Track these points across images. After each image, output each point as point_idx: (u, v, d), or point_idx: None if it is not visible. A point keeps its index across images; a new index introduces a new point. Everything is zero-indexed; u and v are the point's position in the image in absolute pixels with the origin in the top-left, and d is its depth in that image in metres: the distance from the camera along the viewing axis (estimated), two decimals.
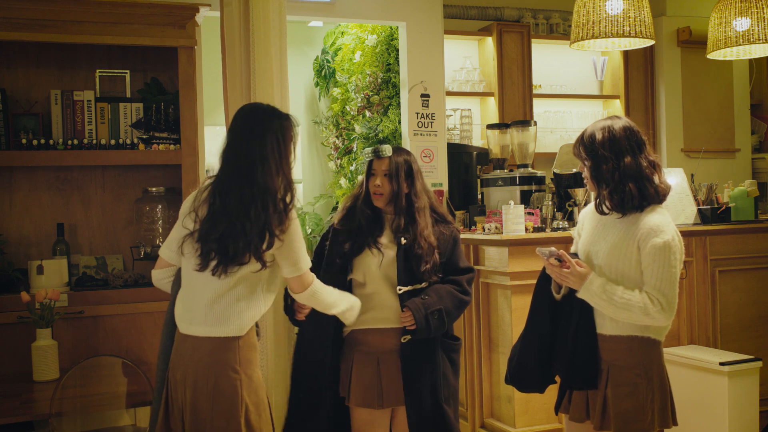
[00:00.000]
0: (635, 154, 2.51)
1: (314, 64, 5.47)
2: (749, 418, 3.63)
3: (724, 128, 6.09)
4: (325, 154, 5.54)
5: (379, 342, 2.90)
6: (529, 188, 4.26)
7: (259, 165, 2.32)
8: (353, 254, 2.91)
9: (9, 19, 3.25)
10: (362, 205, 2.99)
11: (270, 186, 2.32)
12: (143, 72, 3.74)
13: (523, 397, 3.65)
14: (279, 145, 2.37)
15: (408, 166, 2.98)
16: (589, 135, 2.55)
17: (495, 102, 5.35)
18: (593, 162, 2.53)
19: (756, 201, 4.28)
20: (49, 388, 2.90)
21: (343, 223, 2.99)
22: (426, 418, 2.86)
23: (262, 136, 2.35)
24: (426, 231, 2.92)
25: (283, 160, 2.38)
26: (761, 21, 4.24)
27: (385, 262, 2.90)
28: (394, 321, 2.88)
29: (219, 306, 2.36)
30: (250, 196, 2.30)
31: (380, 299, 2.90)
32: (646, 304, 2.40)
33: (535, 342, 2.67)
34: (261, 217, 2.30)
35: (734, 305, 4.16)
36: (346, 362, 2.92)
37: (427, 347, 2.89)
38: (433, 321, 2.81)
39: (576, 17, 3.98)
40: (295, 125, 2.45)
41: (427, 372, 2.88)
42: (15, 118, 3.47)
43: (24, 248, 3.59)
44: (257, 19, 3.42)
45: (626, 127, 2.54)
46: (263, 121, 2.38)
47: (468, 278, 2.99)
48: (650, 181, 2.50)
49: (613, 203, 2.49)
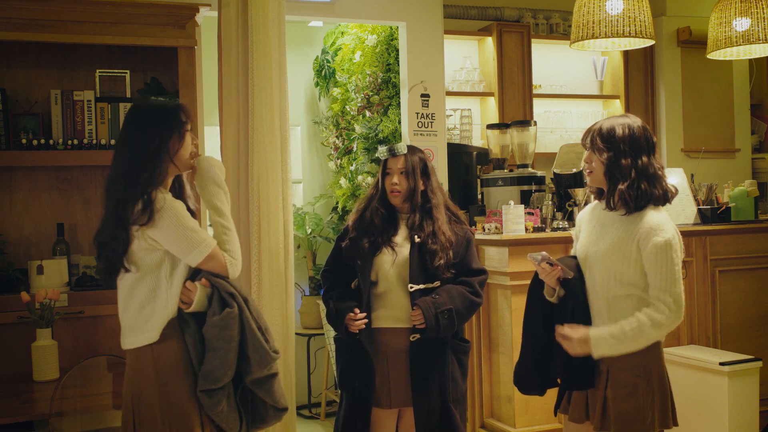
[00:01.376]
0: (650, 154, 2.53)
1: (314, 64, 5.47)
2: (749, 418, 3.63)
3: (724, 128, 6.08)
4: (325, 154, 5.54)
5: (389, 341, 2.90)
6: (529, 188, 4.26)
7: (116, 156, 2.28)
8: (373, 254, 2.92)
9: (9, 19, 3.25)
10: (377, 205, 2.99)
11: (122, 178, 2.22)
12: (143, 72, 3.75)
13: (523, 397, 3.65)
14: (137, 133, 2.26)
15: (423, 164, 3.01)
16: (609, 128, 2.53)
17: (495, 102, 5.35)
18: (614, 154, 2.51)
19: (756, 201, 4.27)
20: (49, 388, 2.90)
21: (359, 224, 2.99)
22: (434, 419, 2.86)
23: (123, 128, 2.33)
24: (444, 226, 2.94)
25: (148, 146, 2.24)
26: (761, 21, 4.24)
27: (399, 260, 2.91)
28: (405, 320, 2.88)
29: (127, 315, 2.27)
30: (111, 193, 2.25)
31: (392, 298, 2.91)
32: (653, 319, 2.40)
33: (531, 345, 2.68)
34: (116, 214, 2.22)
35: (734, 305, 4.16)
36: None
37: (437, 347, 2.89)
38: (442, 320, 2.81)
39: (576, 17, 3.98)
40: (170, 111, 2.30)
41: (435, 372, 2.87)
42: (15, 118, 3.47)
43: (24, 248, 3.59)
44: (256, 20, 3.42)
45: (644, 127, 2.56)
46: (127, 114, 2.34)
47: (480, 280, 2.98)
48: (661, 182, 2.52)
49: (630, 198, 2.47)
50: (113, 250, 2.22)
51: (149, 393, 2.20)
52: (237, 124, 3.47)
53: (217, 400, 2.22)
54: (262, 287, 3.34)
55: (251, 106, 3.42)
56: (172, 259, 2.26)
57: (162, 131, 2.27)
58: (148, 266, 2.24)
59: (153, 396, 2.19)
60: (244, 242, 3.40)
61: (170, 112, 2.31)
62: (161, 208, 2.19)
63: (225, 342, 2.23)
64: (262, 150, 3.41)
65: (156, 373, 2.20)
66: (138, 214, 2.18)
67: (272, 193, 3.42)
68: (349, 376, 2.93)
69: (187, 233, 2.22)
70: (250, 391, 2.34)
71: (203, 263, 2.25)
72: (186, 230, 2.22)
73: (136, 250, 2.23)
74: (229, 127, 3.48)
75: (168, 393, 2.20)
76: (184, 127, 2.32)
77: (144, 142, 2.24)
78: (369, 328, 2.88)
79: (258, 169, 3.40)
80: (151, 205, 2.18)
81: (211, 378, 2.22)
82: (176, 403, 2.20)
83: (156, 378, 2.20)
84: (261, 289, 3.33)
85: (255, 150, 3.40)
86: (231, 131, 3.48)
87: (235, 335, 2.25)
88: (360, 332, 2.85)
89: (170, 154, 2.27)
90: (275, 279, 3.36)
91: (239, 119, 3.47)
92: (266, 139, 3.42)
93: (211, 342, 2.24)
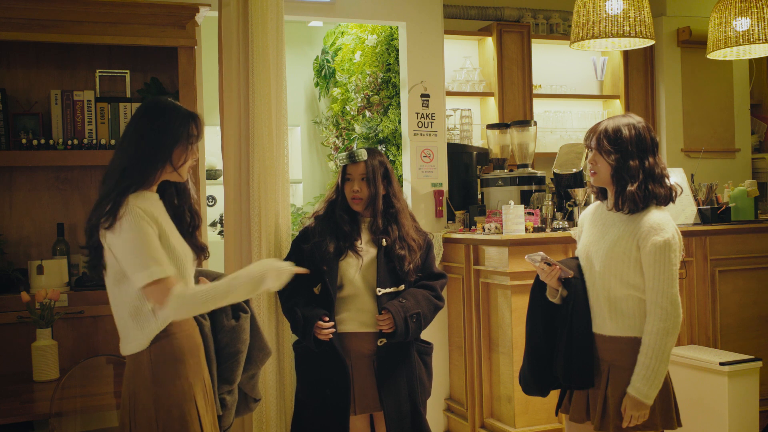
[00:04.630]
0: (655, 154, 2.53)
1: (314, 64, 5.47)
2: (749, 418, 3.63)
3: (724, 128, 6.08)
4: (325, 154, 5.54)
5: (354, 346, 2.87)
6: (529, 188, 4.26)
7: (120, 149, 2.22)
8: (338, 258, 2.89)
9: (9, 19, 3.24)
10: (340, 211, 2.96)
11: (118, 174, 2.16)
12: (143, 72, 3.74)
13: (523, 397, 3.64)
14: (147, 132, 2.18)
15: (384, 168, 2.97)
16: (614, 129, 2.52)
17: (495, 102, 5.35)
18: (622, 155, 2.50)
19: (756, 201, 4.27)
20: (49, 388, 2.90)
21: (321, 228, 2.94)
22: (405, 423, 2.85)
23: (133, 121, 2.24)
24: (411, 231, 2.92)
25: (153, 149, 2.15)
26: (761, 21, 4.24)
27: (364, 264, 2.89)
28: (371, 324, 2.86)
29: (119, 322, 2.20)
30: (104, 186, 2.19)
31: (357, 302, 2.88)
32: (659, 330, 2.41)
33: (532, 347, 2.69)
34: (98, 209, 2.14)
35: (734, 305, 4.16)
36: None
37: (403, 351, 2.88)
38: (411, 324, 2.81)
39: (576, 17, 3.98)
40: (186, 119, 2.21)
41: (404, 375, 2.86)
42: (15, 118, 3.47)
43: (24, 248, 3.59)
44: (256, 19, 3.42)
45: (647, 127, 2.57)
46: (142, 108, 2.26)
47: (442, 283, 3.00)
48: (665, 182, 2.52)
49: (639, 199, 2.47)
50: (91, 247, 2.17)
51: (144, 395, 2.15)
52: (238, 124, 3.47)
53: (233, 398, 2.34)
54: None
55: (251, 106, 3.42)
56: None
57: (171, 137, 2.18)
58: (115, 270, 2.14)
59: (148, 398, 2.14)
60: (245, 241, 3.40)
61: (185, 119, 2.21)
62: (123, 217, 2.07)
63: (243, 345, 2.31)
64: (262, 150, 3.41)
65: (152, 375, 2.14)
66: (104, 217, 2.09)
67: (271, 193, 3.42)
68: (319, 384, 2.87)
69: (139, 252, 2.04)
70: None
71: (147, 287, 2.05)
72: (140, 249, 2.04)
73: (104, 250, 2.15)
74: (230, 127, 3.48)
75: (164, 395, 2.14)
76: (193, 140, 2.23)
77: (150, 144, 2.16)
78: (334, 333, 2.86)
79: (259, 170, 3.40)
80: (116, 211, 2.08)
81: (229, 380, 2.31)
82: (172, 405, 2.14)
83: (152, 381, 2.14)
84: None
85: (256, 150, 3.41)
86: (232, 131, 3.48)
87: (248, 338, 2.33)
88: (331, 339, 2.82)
89: (173, 164, 2.19)
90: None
91: (240, 119, 3.47)
92: (265, 139, 3.42)
93: (228, 347, 2.29)
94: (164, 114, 2.20)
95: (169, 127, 2.18)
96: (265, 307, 3.37)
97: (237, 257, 3.41)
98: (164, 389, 2.14)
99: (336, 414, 2.83)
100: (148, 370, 2.14)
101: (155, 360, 2.14)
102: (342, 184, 2.97)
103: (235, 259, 3.42)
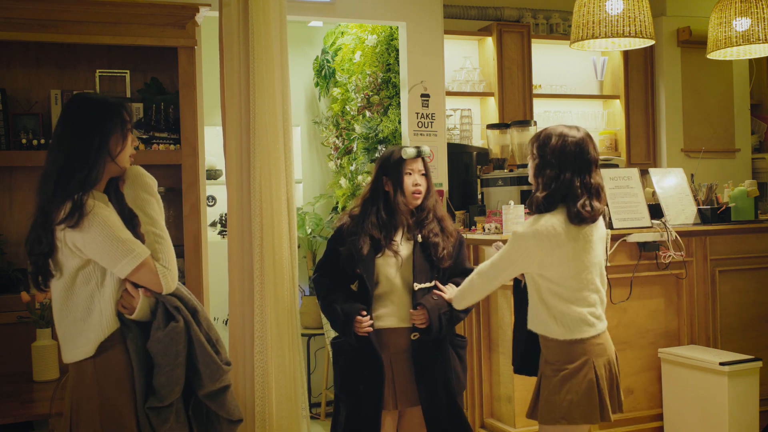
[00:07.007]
0: (575, 172, 2.53)
1: (314, 64, 5.47)
2: (749, 418, 3.63)
3: (724, 128, 6.09)
4: (325, 154, 5.53)
5: (391, 341, 2.90)
6: (529, 188, 4.26)
7: (51, 152, 2.15)
8: (375, 256, 2.91)
9: (9, 19, 3.24)
10: (380, 206, 2.97)
11: (56, 175, 2.09)
12: (143, 72, 3.74)
13: (523, 397, 3.64)
14: (77, 129, 2.13)
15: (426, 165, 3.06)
16: (545, 136, 2.60)
17: (495, 102, 5.35)
18: (540, 162, 2.59)
19: (756, 201, 4.27)
20: (49, 388, 2.90)
21: (357, 227, 2.96)
22: (442, 415, 2.87)
23: (60, 121, 2.19)
24: (447, 221, 2.98)
25: (88, 144, 2.10)
26: (761, 21, 4.24)
27: (401, 261, 2.91)
28: (407, 319, 2.89)
29: (61, 328, 2.15)
30: (42, 191, 2.12)
31: (394, 298, 2.91)
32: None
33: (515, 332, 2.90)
34: (43, 215, 2.10)
35: (734, 305, 4.16)
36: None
37: (438, 344, 2.90)
38: (444, 321, 2.83)
39: (576, 17, 3.98)
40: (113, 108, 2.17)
41: (439, 369, 2.89)
42: (15, 118, 3.47)
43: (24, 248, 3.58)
44: (257, 19, 3.42)
45: (580, 143, 2.55)
46: (66, 106, 2.21)
47: None
48: (575, 202, 2.52)
49: (541, 206, 2.56)
50: (39, 254, 2.11)
51: (88, 407, 2.09)
52: (239, 124, 3.46)
53: (164, 417, 2.13)
54: (264, 288, 3.33)
55: (253, 106, 3.41)
56: (101, 271, 2.12)
57: (104, 129, 2.13)
58: (71, 273, 2.10)
59: (93, 410, 2.08)
60: (246, 243, 3.39)
61: (114, 109, 2.17)
62: (90, 213, 2.05)
63: (171, 358, 2.12)
64: (264, 150, 3.40)
65: (97, 386, 2.08)
66: (65, 216, 2.05)
67: (275, 193, 3.42)
68: (352, 380, 2.91)
69: (116, 242, 2.06)
70: (204, 404, 2.25)
71: (133, 274, 2.09)
72: (114, 239, 2.06)
73: (59, 253, 2.11)
74: (232, 127, 3.47)
75: (109, 407, 2.08)
76: (127, 126, 2.19)
77: (84, 139, 2.11)
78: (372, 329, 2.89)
79: (260, 169, 3.39)
80: (80, 209, 2.04)
81: (158, 396, 2.13)
82: (117, 417, 2.08)
83: (97, 391, 2.08)
84: (264, 289, 3.32)
85: (257, 150, 3.40)
86: (233, 131, 3.47)
87: (182, 350, 2.15)
88: (369, 335, 2.85)
89: (111, 154, 2.14)
90: (280, 280, 3.35)
91: (241, 119, 3.46)
92: (269, 138, 3.41)
93: (156, 358, 2.13)
94: (92, 107, 2.17)
95: (99, 118, 2.14)
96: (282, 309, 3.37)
97: (239, 257, 3.41)
98: (110, 401, 2.08)
99: (368, 409, 2.85)
100: (93, 380, 2.08)
101: (100, 370, 2.09)
102: (400, 178, 2.95)
103: (238, 259, 3.41)
